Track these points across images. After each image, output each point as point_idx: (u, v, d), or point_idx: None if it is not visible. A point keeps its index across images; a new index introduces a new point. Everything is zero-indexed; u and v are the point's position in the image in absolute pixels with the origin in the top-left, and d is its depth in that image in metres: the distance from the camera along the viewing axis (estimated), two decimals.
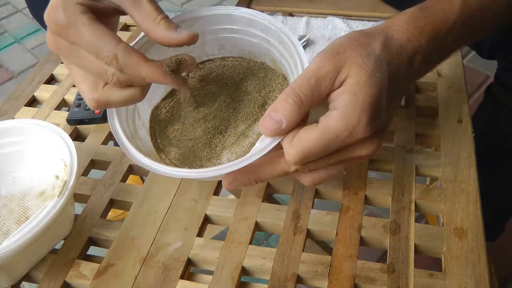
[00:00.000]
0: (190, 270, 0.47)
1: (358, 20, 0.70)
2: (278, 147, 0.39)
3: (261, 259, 0.45)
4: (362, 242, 0.46)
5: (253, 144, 0.46)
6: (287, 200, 0.49)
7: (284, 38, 0.45)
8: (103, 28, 0.38)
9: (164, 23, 0.39)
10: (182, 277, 0.45)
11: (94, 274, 0.45)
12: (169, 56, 0.43)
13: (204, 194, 0.51)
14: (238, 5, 0.78)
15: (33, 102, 0.66)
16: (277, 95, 0.48)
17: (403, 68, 0.39)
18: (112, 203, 0.52)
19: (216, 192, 0.51)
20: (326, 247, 0.69)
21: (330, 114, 0.37)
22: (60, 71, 0.69)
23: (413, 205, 0.48)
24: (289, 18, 0.72)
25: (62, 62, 0.43)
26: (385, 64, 0.37)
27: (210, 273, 0.45)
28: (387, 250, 0.45)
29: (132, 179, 1.12)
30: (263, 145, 0.39)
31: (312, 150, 0.36)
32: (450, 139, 0.53)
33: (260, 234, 1.10)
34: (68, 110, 0.61)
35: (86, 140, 0.58)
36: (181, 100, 0.50)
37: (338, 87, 0.37)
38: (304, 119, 0.38)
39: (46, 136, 0.50)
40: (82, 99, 0.60)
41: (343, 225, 0.47)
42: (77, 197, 0.52)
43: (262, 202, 0.49)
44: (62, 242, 0.48)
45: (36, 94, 0.66)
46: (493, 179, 0.80)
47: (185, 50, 0.51)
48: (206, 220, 0.50)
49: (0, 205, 0.49)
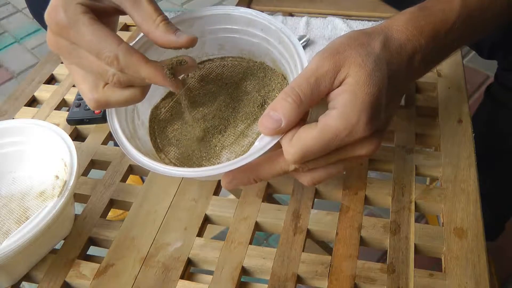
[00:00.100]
0: (190, 270, 0.47)
1: (358, 20, 0.70)
2: (278, 146, 0.39)
3: (261, 259, 0.45)
4: (362, 242, 0.46)
5: (252, 143, 0.46)
6: (287, 200, 0.49)
7: (283, 38, 0.45)
8: (104, 28, 0.38)
9: (163, 25, 0.39)
10: (182, 277, 0.45)
11: (94, 274, 0.45)
12: (168, 56, 0.43)
13: (204, 194, 0.51)
14: (238, 5, 0.78)
15: (33, 102, 0.66)
16: (276, 95, 0.47)
17: (403, 67, 0.39)
18: (112, 203, 0.52)
19: (216, 192, 0.51)
20: (326, 247, 0.69)
21: (330, 113, 0.37)
22: (60, 71, 0.69)
23: (413, 205, 0.48)
24: (289, 18, 0.72)
25: (62, 62, 0.43)
26: (384, 63, 0.37)
27: (210, 273, 0.45)
28: (387, 250, 0.45)
29: (132, 179, 1.12)
30: (262, 144, 0.39)
31: (311, 149, 0.36)
32: (450, 139, 0.53)
33: (260, 234, 1.10)
34: (68, 110, 0.61)
35: (86, 140, 0.58)
36: (180, 101, 0.50)
37: (338, 87, 0.37)
38: (303, 118, 0.38)
39: (46, 136, 0.50)
40: (82, 99, 0.60)
41: (343, 225, 0.47)
42: (77, 197, 0.52)
43: (262, 202, 0.49)
44: (62, 242, 0.48)
45: (36, 94, 0.66)
46: (493, 179, 0.80)
47: (184, 50, 0.51)
48: (206, 220, 0.50)
49: (0, 205, 0.49)
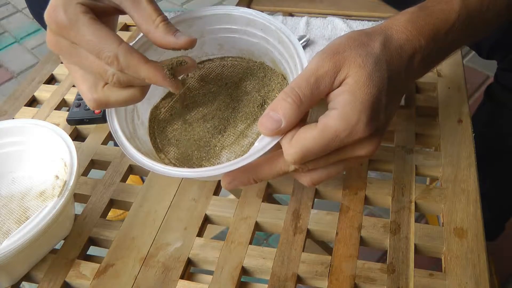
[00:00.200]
0: (190, 270, 0.47)
1: (358, 20, 0.70)
2: (277, 147, 0.39)
3: (261, 259, 0.45)
4: (362, 242, 0.46)
5: (252, 143, 0.46)
6: (287, 200, 0.49)
7: (283, 38, 0.45)
8: (104, 28, 0.38)
9: (163, 26, 0.39)
10: (182, 277, 0.45)
11: (94, 274, 0.45)
12: (168, 56, 0.43)
13: (204, 194, 0.51)
14: (238, 5, 0.78)
15: (33, 102, 0.66)
16: (276, 95, 0.47)
17: (403, 68, 0.39)
18: (112, 203, 0.52)
19: (216, 192, 0.51)
20: (326, 247, 0.69)
21: (329, 114, 0.37)
22: (60, 71, 0.69)
23: (413, 205, 0.48)
24: (289, 18, 0.72)
25: (62, 62, 0.43)
26: (384, 64, 0.37)
27: (210, 273, 0.45)
28: (387, 250, 0.45)
29: (132, 179, 1.12)
30: (262, 144, 0.39)
31: (311, 149, 0.36)
32: (450, 139, 0.53)
33: (260, 234, 1.10)
34: (68, 110, 0.61)
35: (86, 140, 0.58)
36: (180, 100, 0.50)
37: (338, 87, 0.37)
38: (303, 119, 0.38)
39: (46, 136, 0.50)
40: (82, 99, 0.60)
41: (343, 225, 0.47)
42: (77, 197, 0.52)
43: (262, 202, 0.49)
44: (62, 242, 0.48)
45: (36, 94, 0.66)
46: (493, 179, 0.80)
47: (184, 50, 0.51)
48: (206, 220, 0.50)
49: (0, 205, 0.49)
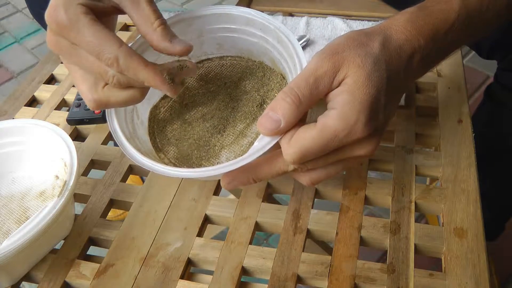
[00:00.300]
0: (190, 270, 0.47)
1: (358, 20, 0.70)
2: (277, 147, 0.39)
3: (261, 259, 0.45)
4: (362, 242, 0.46)
5: (251, 143, 0.46)
6: (287, 200, 0.49)
7: (282, 38, 0.45)
8: (105, 29, 0.38)
9: (160, 30, 0.39)
10: (182, 277, 0.45)
11: (94, 274, 0.45)
12: (166, 57, 0.43)
13: (204, 194, 0.51)
14: (238, 5, 0.78)
15: (33, 102, 0.66)
16: (275, 94, 0.47)
17: (402, 68, 0.39)
18: (112, 203, 0.52)
19: (216, 192, 0.51)
20: (326, 247, 0.69)
21: (328, 114, 0.37)
22: (60, 71, 0.69)
23: (413, 205, 0.48)
24: (289, 18, 0.72)
25: (62, 62, 0.43)
26: (383, 64, 0.37)
27: (210, 273, 0.45)
28: (387, 250, 0.45)
29: (132, 179, 1.12)
30: (262, 144, 0.39)
31: (310, 149, 0.36)
32: (450, 139, 0.53)
33: (260, 234, 1.10)
34: (68, 110, 0.61)
35: (86, 140, 0.58)
36: (179, 100, 0.51)
37: (337, 87, 0.37)
38: (302, 119, 0.38)
39: (46, 136, 0.50)
40: (82, 99, 0.60)
41: (343, 225, 0.47)
42: (77, 197, 0.52)
43: (262, 202, 0.49)
44: (62, 242, 0.48)
45: (36, 94, 0.66)
46: (493, 179, 0.80)
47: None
48: (206, 220, 0.50)
49: (0, 205, 0.49)
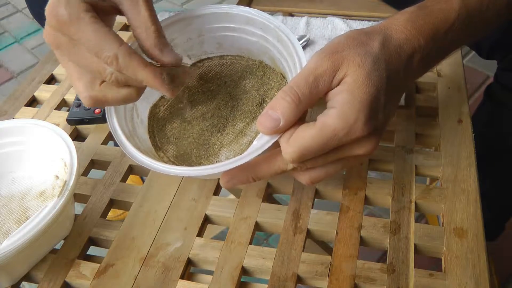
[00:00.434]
0: (190, 270, 0.47)
1: (358, 20, 0.70)
2: (276, 145, 0.39)
3: (261, 259, 0.45)
4: (362, 242, 0.46)
5: (251, 142, 0.46)
6: (287, 200, 0.49)
7: (282, 37, 0.45)
8: (105, 28, 0.38)
9: (154, 37, 0.39)
10: (182, 277, 0.45)
11: (94, 274, 0.45)
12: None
13: (204, 194, 0.51)
14: (238, 5, 0.78)
15: (33, 102, 0.66)
16: (275, 94, 0.48)
17: (402, 67, 0.39)
18: (112, 203, 0.52)
19: (216, 192, 0.51)
20: (326, 247, 0.69)
21: (328, 113, 0.37)
22: (60, 71, 0.69)
23: (413, 205, 0.48)
24: (289, 18, 0.72)
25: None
26: (383, 63, 0.37)
27: (210, 273, 0.45)
28: (387, 250, 0.45)
29: (132, 179, 1.12)
30: (261, 143, 0.39)
31: (309, 148, 0.36)
32: (450, 139, 0.53)
33: (260, 234, 1.10)
34: (68, 110, 0.61)
35: (86, 140, 0.58)
36: (179, 99, 0.50)
37: (336, 86, 0.37)
38: (302, 118, 0.38)
39: (46, 136, 0.50)
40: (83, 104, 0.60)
41: (343, 225, 0.47)
42: (77, 197, 0.52)
43: (262, 202, 0.49)
44: (62, 242, 0.48)
45: (36, 94, 0.66)
46: (493, 179, 0.80)
47: (183, 47, 0.51)
48: (206, 220, 0.50)
49: (0, 205, 0.49)
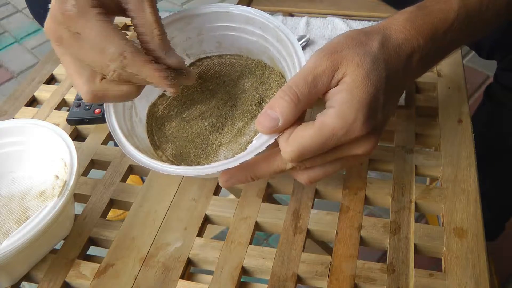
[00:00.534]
0: (190, 270, 0.47)
1: (358, 20, 0.70)
2: (275, 145, 0.39)
3: (261, 259, 0.45)
4: (362, 242, 0.46)
5: (250, 141, 0.46)
6: (287, 200, 0.49)
7: (282, 36, 0.45)
8: (111, 25, 0.38)
9: (158, 39, 0.40)
10: (182, 277, 0.45)
11: (94, 274, 0.45)
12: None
13: (204, 194, 0.51)
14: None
15: (33, 102, 0.66)
16: (274, 93, 0.48)
17: (401, 67, 0.39)
18: (112, 203, 0.52)
19: (216, 192, 0.51)
20: (326, 247, 0.69)
21: (327, 112, 0.37)
22: (60, 71, 0.69)
23: (413, 205, 0.48)
24: (289, 18, 0.72)
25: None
26: (382, 63, 0.37)
27: (210, 273, 0.45)
28: (387, 250, 0.45)
29: (132, 179, 1.12)
30: (260, 142, 0.39)
31: (308, 147, 0.36)
32: (450, 139, 0.53)
33: (260, 234, 1.10)
34: (68, 110, 0.61)
35: (86, 140, 0.58)
36: (178, 98, 0.51)
37: (335, 86, 0.37)
38: (301, 117, 0.38)
39: (46, 136, 0.50)
40: (82, 99, 0.60)
41: (343, 225, 0.47)
42: (77, 197, 0.52)
43: (262, 202, 0.49)
44: (62, 242, 0.48)
45: (36, 94, 0.66)
46: (493, 179, 0.80)
47: (183, 46, 0.51)
48: (206, 220, 0.50)
49: (0, 205, 0.49)
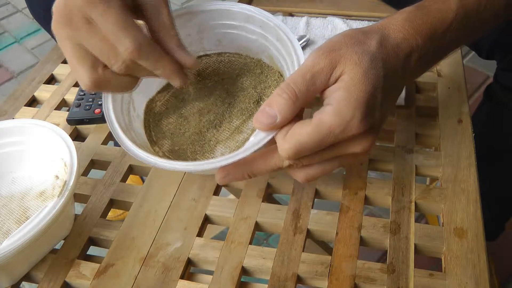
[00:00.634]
0: (190, 270, 0.47)
1: (358, 20, 0.70)
2: (272, 142, 0.39)
3: (261, 259, 0.45)
4: (362, 242, 0.46)
5: (247, 139, 0.46)
6: (287, 200, 0.49)
7: (282, 35, 0.45)
8: (131, 18, 0.38)
9: (177, 40, 0.41)
10: (182, 277, 0.45)
11: (94, 274, 0.45)
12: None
13: (204, 194, 0.51)
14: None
15: (33, 102, 0.66)
16: (272, 92, 0.48)
17: (399, 66, 0.39)
18: (112, 203, 0.52)
19: (216, 192, 0.51)
20: (326, 247, 0.69)
21: (324, 110, 0.37)
22: (60, 71, 0.69)
23: (413, 205, 0.48)
24: (289, 18, 0.72)
25: (55, 39, 0.40)
26: (380, 62, 0.37)
27: (210, 273, 0.45)
28: (387, 250, 0.45)
29: (132, 179, 1.12)
30: (257, 139, 0.39)
31: (305, 145, 0.36)
32: (450, 139, 0.53)
33: (260, 234, 1.10)
34: (68, 110, 0.61)
35: (86, 140, 0.58)
36: (176, 94, 0.51)
37: (333, 84, 0.37)
38: (298, 115, 0.38)
39: (46, 136, 0.50)
40: (82, 99, 0.60)
41: (343, 225, 0.47)
42: (77, 197, 0.52)
43: (262, 202, 0.49)
44: (62, 242, 0.48)
45: (36, 94, 0.66)
46: (493, 179, 0.80)
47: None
48: (206, 220, 0.50)
49: (0, 205, 0.49)
